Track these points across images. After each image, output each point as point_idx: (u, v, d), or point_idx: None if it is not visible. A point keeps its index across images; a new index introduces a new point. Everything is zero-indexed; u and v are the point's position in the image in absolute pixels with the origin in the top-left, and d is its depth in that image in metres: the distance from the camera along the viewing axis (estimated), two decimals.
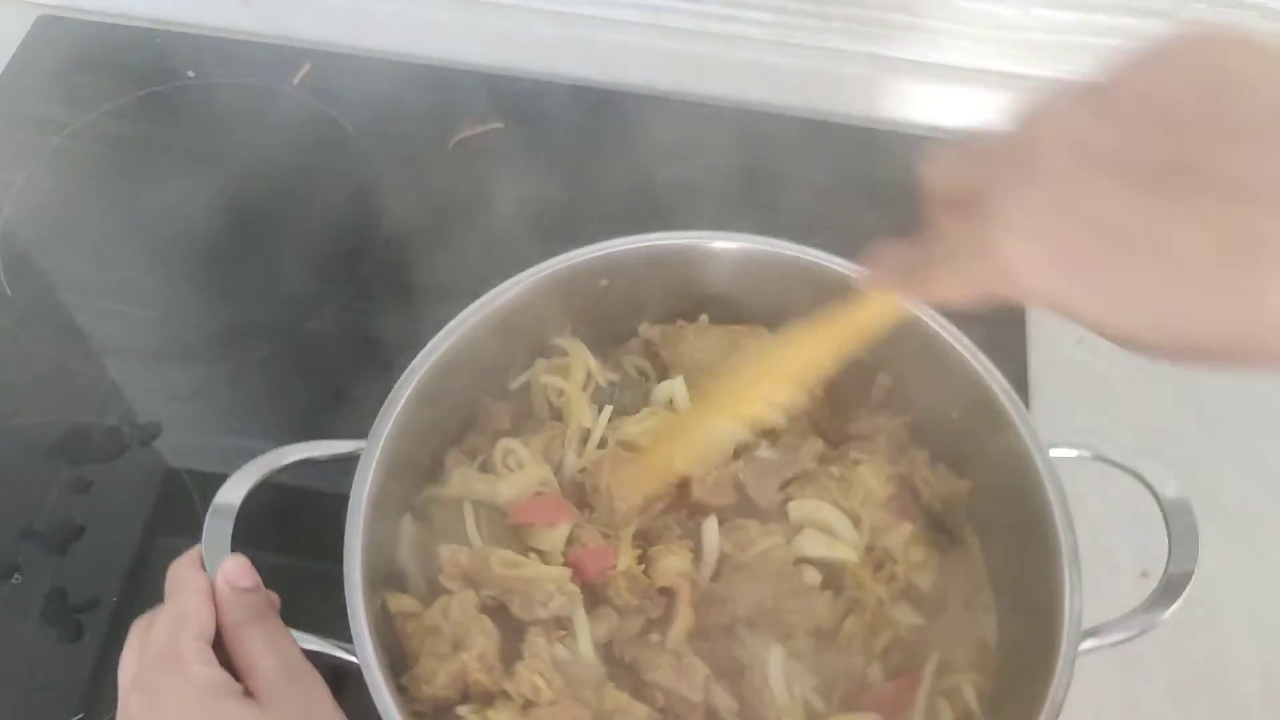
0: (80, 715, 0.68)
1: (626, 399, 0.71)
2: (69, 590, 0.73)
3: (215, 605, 0.55)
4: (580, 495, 0.66)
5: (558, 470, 0.67)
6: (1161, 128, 0.32)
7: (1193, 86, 0.32)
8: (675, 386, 0.69)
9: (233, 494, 0.59)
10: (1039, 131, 0.35)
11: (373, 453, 0.60)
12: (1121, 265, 0.32)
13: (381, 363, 0.64)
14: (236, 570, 0.56)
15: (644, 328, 0.73)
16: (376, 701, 0.53)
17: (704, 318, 0.72)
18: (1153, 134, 0.32)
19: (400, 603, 0.62)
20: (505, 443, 0.67)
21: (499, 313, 0.66)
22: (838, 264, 0.68)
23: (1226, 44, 0.33)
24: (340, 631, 0.55)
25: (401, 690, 0.57)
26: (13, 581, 0.73)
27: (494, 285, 0.67)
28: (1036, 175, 0.34)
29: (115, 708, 0.66)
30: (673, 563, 0.63)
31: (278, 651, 0.53)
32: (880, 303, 0.45)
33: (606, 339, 0.73)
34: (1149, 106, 0.33)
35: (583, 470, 0.67)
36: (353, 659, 0.54)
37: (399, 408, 0.62)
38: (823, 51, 0.97)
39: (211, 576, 0.56)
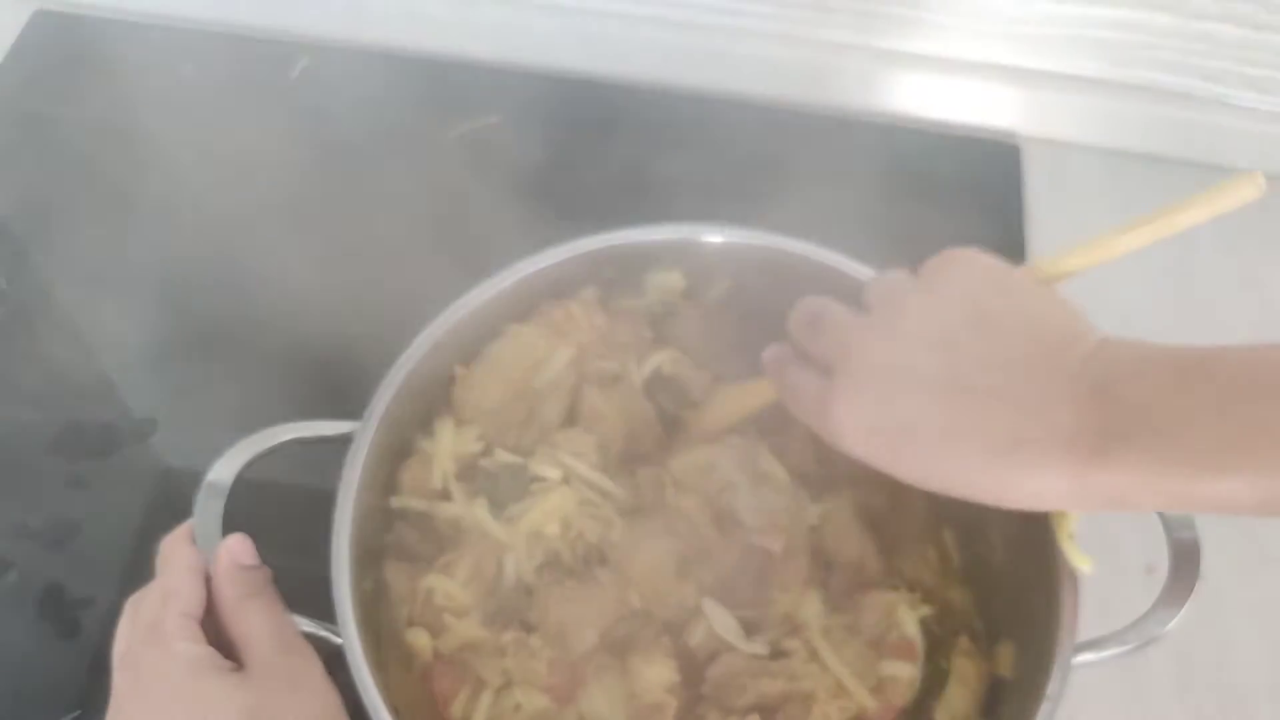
0: (76, 713, 0.68)
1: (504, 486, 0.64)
2: (65, 587, 0.72)
3: (215, 580, 0.55)
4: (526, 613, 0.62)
5: (493, 589, 0.62)
6: (939, 349, 0.47)
7: (959, 317, 0.48)
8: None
9: (225, 471, 0.59)
10: (854, 346, 0.49)
11: (367, 433, 0.60)
12: (906, 446, 0.47)
13: (380, 359, 0.64)
14: (240, 548, 0.56)
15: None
16: (357, 681, 0.53)
17: (457, 366, 0.66)
18: (931, 354, 0.47)
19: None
20: (430, 581, 0.61)
21: (502, 297, 0.66)
22: (838, 259, 0.67)
23: (982, 279, 0.50)
24: (328, 615, 0.55)
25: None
26: (8, 579, 0.73)
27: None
28: (855, 379, 0.49)
29: None
30: (657, 674, 0.59)
31: (272, 624, 0.53)
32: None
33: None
34: (927, 333, 0.48)
35: (527, 593, 0.62)
36: (337, 639, 0.54)
37: (395, 389, 0.61)
38: (824, 45, 0.97)
39: (202, 553, 0.56)
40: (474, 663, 0.60)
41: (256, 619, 0.53)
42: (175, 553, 0.56)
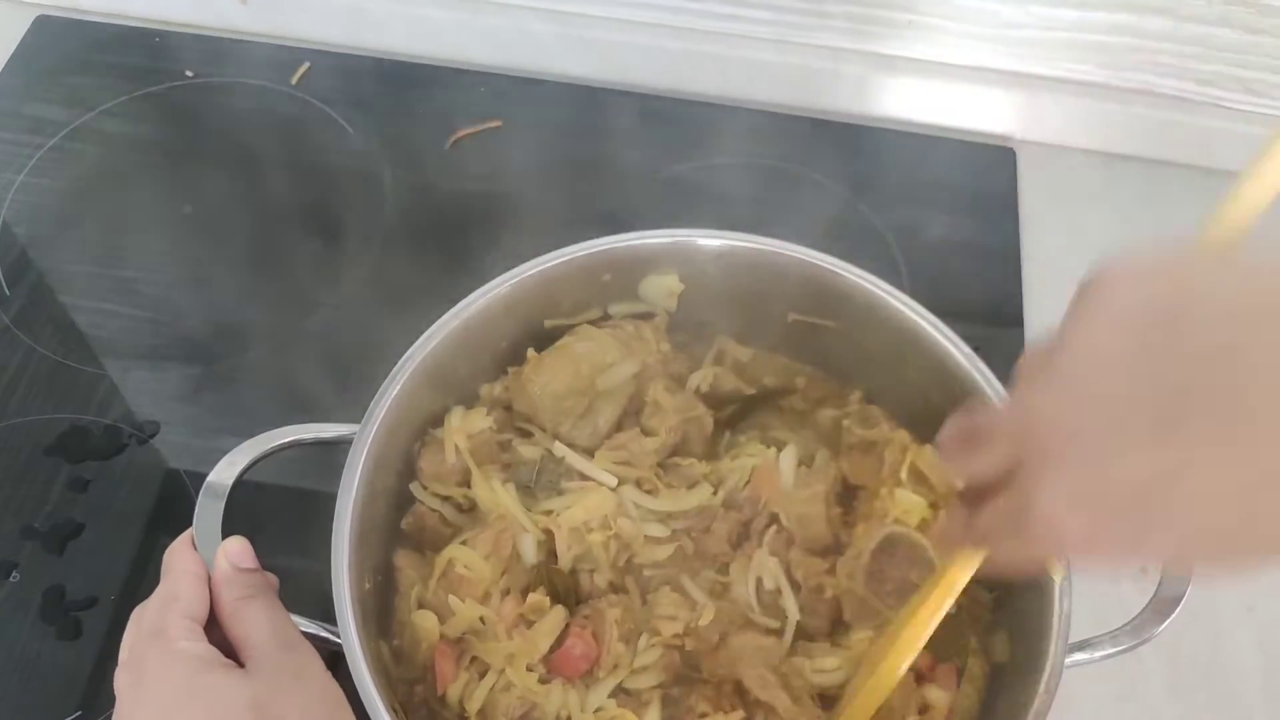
0: (78, 713, 0.68)
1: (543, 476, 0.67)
2: (67, 588, 0.73)
3: (214, 584, 0.55)
4: (551, 581, 0.64)
5: (511, 565, 0.64)
6: (1127, 374, 0.36)
7: (1137, 328, 0.36)
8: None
9: (225, 473, 0.59)
10: (1041, 407, 0.38)
11: (366, 436, 0.60)
12: (1153, 515, 0.35)
13: (378, 361, 0.64)
14: (238, 550, 0.56)
15: (484, 389, 0.70)
16: (356, 680, 0.54)
17: (530, 350, 0.69)
18: (1119, 384, 0.36)
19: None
20: (451, 551, 0.63)
21: (500, 301, 0.66)
22: (836, 265, 0.68)
23: (1146, 279, 0.37)
24: (329, 617, 0.56)
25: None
26: (11, 580, 0.73)
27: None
28: (1057, 452, 0.37)
29: (113, 705, 0.66)
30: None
31: (271, 624, 0.54)
32: (962, 562, 0.51)
33: None
34: (1105, 357, 0.36)
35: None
36: (336, 639, 0.55)
37: (394, 393, 0.62)
38: (821, 50, 0.97)
39: (203, 556, 0.56)
40: (476, 646, 0.61)
41: (256, 619, 0.54)
42: (177, 558, 0.57)
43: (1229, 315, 0.35)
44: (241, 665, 0.53)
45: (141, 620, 0.55)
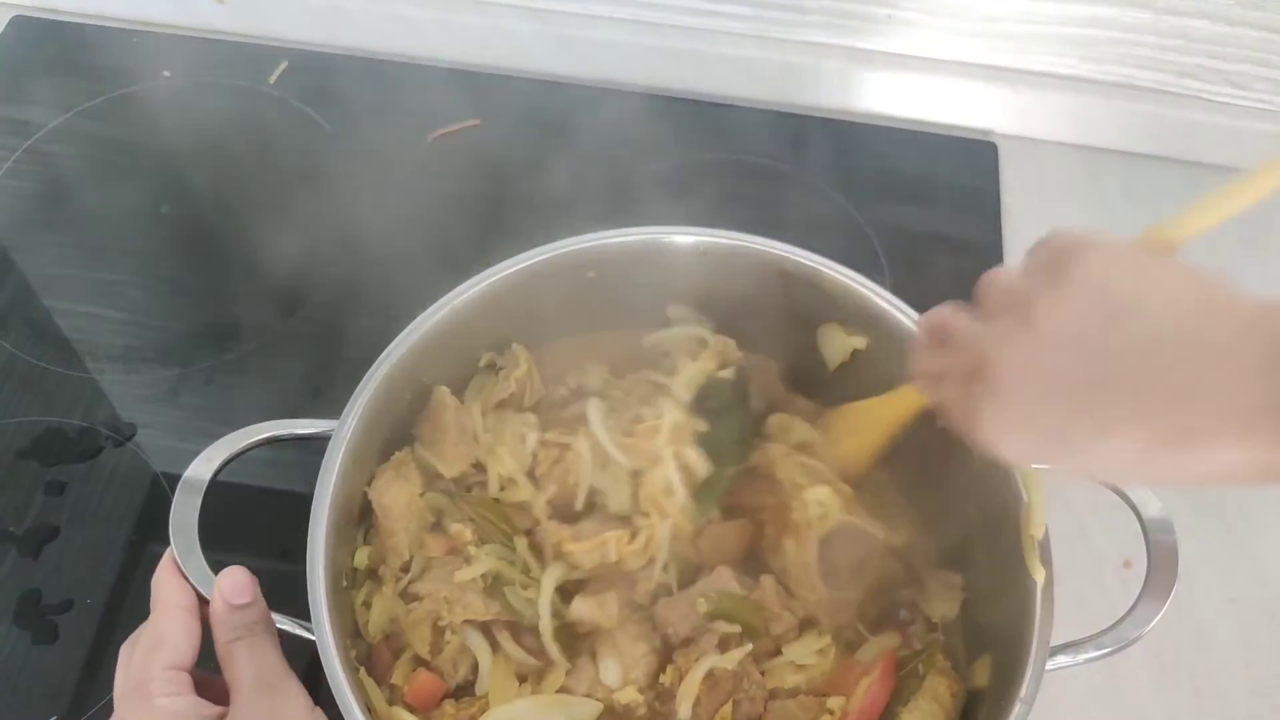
0: (54, 717, 0.68)
1: None
2: (43, 592, 0.72)
3: (211, 621, 0.55)
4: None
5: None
6: (1075, 348, 0.45)
7: (1091, 310, 0.45)
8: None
9: (203, 469, 0.59)
10: (990, 359, 0.47)
11: (344, 432, 0.60)
12: (1058, 448, 0.46)
13: (357, 361, 0.64)
14: (232, 587, 0.55)
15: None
16: (329, 677, 0.54)
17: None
18: (1069, 355, 0.45)
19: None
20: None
21: (480, 298, 0.66)
22: (813, 258, 0.67)
23: (1107, 266, 0.46)
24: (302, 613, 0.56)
25: None
26: None
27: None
28: (996, 392, 0.47)
29: (90, 709, 0.66)
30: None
31: (256, 667, 0.54)
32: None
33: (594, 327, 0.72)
34: (1061, 333, 0.46)
35: None
36: (309, 635, 0.55)
37: (373, 389, 0.62)
38: (800, 45, 0.97)
39: (179, 551, 0.56)
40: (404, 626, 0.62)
41: (242, 661, 0.54)
42: (164, 589, 0.56)
43: (1155, 328, 0.44)
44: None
45: (129, 665, 0.54)
